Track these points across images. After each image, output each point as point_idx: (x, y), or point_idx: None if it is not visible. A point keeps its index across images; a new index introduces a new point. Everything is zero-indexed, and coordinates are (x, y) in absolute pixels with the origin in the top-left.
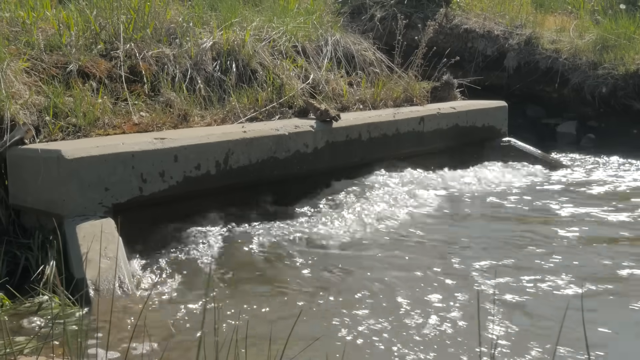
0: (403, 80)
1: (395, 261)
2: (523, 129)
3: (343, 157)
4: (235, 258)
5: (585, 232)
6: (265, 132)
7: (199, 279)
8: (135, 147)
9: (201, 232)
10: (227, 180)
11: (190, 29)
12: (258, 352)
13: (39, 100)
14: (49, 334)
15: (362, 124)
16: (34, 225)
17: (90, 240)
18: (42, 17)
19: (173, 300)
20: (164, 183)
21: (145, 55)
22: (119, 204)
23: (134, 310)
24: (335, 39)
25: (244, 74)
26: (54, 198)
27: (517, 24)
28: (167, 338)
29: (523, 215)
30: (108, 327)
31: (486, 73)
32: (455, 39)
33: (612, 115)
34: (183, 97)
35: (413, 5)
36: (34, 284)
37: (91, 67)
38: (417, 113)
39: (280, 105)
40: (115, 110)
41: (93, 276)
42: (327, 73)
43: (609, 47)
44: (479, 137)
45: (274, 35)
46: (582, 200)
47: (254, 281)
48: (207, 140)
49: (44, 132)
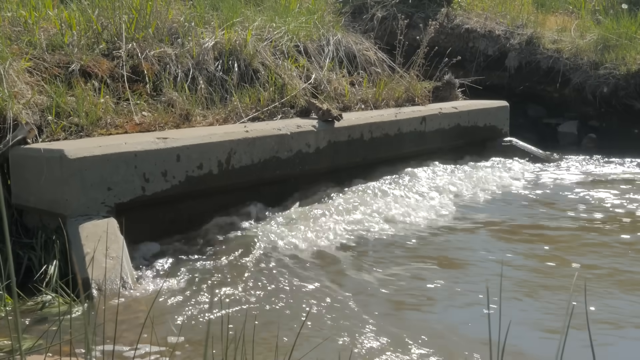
0: (404, 80)
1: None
2: (524, 128)
3: (345, 157)
4: (240, 258)
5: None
6: (268, 132)
7: (203, 278)
8: (138, 147)
9: (208, 230)
10: (229, 180)
11: (192, 29)
12: (266, 350)
13: (41, 99)
14: (56, 334)
15: (364, 124)
16: (36, 225)
17: (93, 240)
18: (44, 17)
19: (177, 299)
20: (167, 183)
21: (147, 54)
22: (122, 203)
23: (138, 309)
24: (337, 39)
25: (246, 74)
26: (57, 198)
27: (518, 23)
28: (172, 337)
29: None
30: (114, 326)
31: (487, 73)
32: (456, 38)
33: (614, 115)
34: (185, 97)
35: (414, 5)
36: (37, 284)
37: (93, 66)
38: (418, 113)
39: (282, 105)
40: (118, 109)
41: (96, 276)
42: (329, 73)
43: (610, 47)
44: (481, 137)
45: (276, 35)
46: (587, 195)
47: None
48: (209, 140)
49: (46, 131)
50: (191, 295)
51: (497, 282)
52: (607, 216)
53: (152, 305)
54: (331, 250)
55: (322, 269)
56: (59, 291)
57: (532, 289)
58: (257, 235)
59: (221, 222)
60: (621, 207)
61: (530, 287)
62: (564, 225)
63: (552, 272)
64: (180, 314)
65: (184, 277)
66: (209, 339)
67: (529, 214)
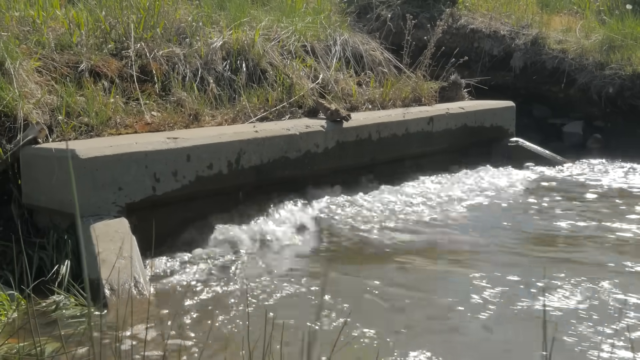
0: (411, 80)
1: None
2: (529, 128)
3: (353, 157)
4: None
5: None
6: (277, 132)
7: (211, 277)
8: (149, 147)
9: (218, 229)
10: (239, 179)
11: (199, 29)
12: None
13: (51, 99)
14: (72, 335)
15: (372, 124)
16: (47, 224)
17: (104, 240)
18: (52, 16)
19: (188, 297)
20: (177, 182)
21: (156, 54)
22: (133, 203)
23: (150, 308)
24: (344, 39)
25: (254, 74)
26: (68, 197)
27: (523, 24)
28: (185, 336)
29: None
30: (130, 326)
31: (492, 73)
32: (461, 38)
33: (619, 115)
34: (194, 97)
35: (419, 5)
36: (49, 284)
37: (102, 66)
38: (426, 113)
39: (290, 105)
40: (127, 109)
41: (108, 276)
42: (336, 73)
43: (616, 48)
44: (487, 137)
45: (283, 35)
46: (593, 198)
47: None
48: (219, 140)
49: (56, 131)
50: (200, 292)
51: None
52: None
53: (164, 303)
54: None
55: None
56: (71, 291)
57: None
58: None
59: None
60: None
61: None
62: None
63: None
64: (192, 312)
65: (195, 275)
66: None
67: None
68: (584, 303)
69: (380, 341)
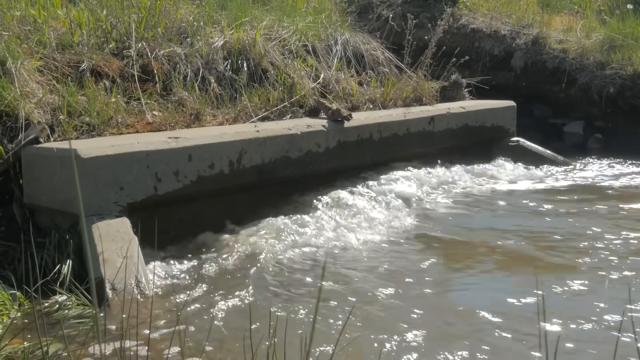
0: (412, 79)
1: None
2: (530, 128)
3: (354, 157)
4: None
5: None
6: (278, 132)
7: (213, 277)
8: (150, 147)
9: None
10: (240, 179)
11: (201, 28)
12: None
13: (52, 99)
14: (76, 336)
15: (373, 124)
16: (48, 224)
17: (106, 240)
18: (53, 16)
19: (190, 297)
20: (178, 182)
21: (157, 54)
22: (134, 203)
23: (152, 308)
24: (345, 39)
25: (255, 74)
26: (70, 197)
27: (524, 23)
28: (189, 337)
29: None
30: (132, 326)
31: (493, 73)
32: (462, 38)
33: (620, 115)
34: (195, 97)
35: (420, 4)
36: (50, 284)
37: (103, 65)
38: (427, 113)
39: (292, 104)
40: (128, 109)
41: (110, 276)
42: (337, 72)
43: (617, 47)
44: (488, 136)
45: (284, 35)
46: (594, 198)
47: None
48: (220, 139)
49: (58, 131)
50: (203, 294)
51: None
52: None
53: (182, 308)
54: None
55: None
56: (73, 291)
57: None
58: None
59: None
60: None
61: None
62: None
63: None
64: (193, 312)
65: (197, 276)
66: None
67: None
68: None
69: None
